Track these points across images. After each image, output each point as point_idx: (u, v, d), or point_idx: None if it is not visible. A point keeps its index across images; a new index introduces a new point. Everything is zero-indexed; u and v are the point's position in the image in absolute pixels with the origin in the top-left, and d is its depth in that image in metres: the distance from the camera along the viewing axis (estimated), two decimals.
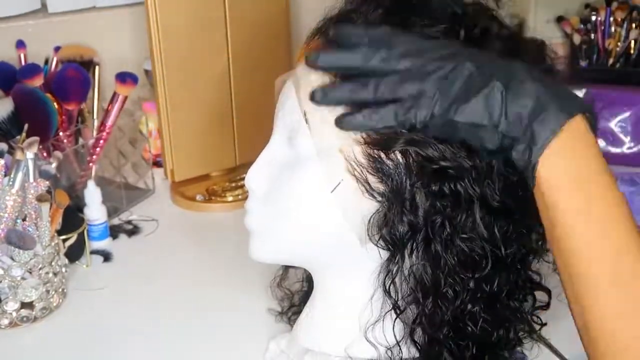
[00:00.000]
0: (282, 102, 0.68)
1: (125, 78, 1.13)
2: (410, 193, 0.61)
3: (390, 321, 0.67)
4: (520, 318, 0.68)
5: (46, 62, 1.20)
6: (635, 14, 1.36)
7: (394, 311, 0.66)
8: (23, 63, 1.18)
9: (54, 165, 0.93)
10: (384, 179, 0.61)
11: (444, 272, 0.62)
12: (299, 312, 0.79)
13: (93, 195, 1.07)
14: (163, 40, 1.10)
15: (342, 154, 0.62)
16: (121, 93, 1.14)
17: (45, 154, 1.06)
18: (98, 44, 1.28)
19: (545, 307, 0.71)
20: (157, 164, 1.28)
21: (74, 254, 1.01)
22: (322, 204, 0.64)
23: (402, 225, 0.61)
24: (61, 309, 0.93)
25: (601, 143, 1.30)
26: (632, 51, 1.36)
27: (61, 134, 1.11)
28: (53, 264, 0.91)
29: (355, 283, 0.69)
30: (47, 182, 0.90)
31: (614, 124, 1.30)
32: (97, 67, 1.19)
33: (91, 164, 1.15)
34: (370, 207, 0.63)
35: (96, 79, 1.18)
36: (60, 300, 0.93)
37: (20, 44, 1.19)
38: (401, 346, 0.67)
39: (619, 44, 1.37)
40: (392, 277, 0.64)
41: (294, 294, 0.85)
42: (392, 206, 0.61)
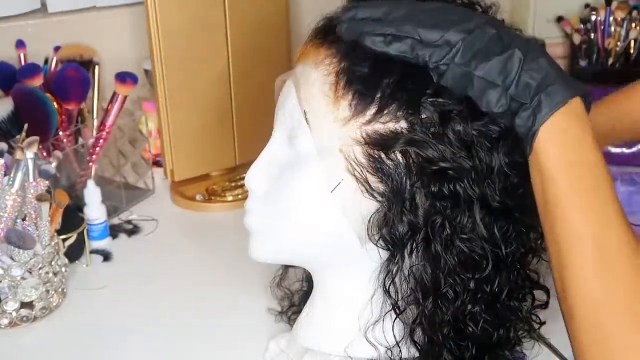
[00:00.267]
0: (282, 102, 0.68)
1: (125, 78, 1.13)
2: (410, 193, 0.61)
3: (390, 321, 0.67)
4: (520, 317, 0.68)
5: (46, 62, 1.20)
6: (635, 14, 1.36)
7: (394, 311, 0.66)
8: (23, 63, 1.18)
9: (54, 165, 0.93)
10: (384, 179, 0.61)
11: (444, 272, 0.62)
12: (299, 312, 0.79)
13: (93, 195, 1.07)
14: (163, 40, 1.10)
15: (342, 154, 0.62)
16: (121, 93, 1.13)
17: (45, 154, 1.06)
18: (98, 44, 1.29)
19: (544, 306, 0.71)
20: (157, 164, 1.28)
21: (74, 253, 1.01)
22: (322, 204, 0.64)
23: (402, 226, 0.61)
24: (61, 309, 0.93)
25: None
26: (632, 51, 1.36)
27: (61, 134, 1.11)
28: (53, 264, 0.91)
29: (355, 283, 0.69)
30: (47, 182, 0.90)
31: None
32: (97, 67, 1.19)
33: (91, 164, 1.15)
34: (370, 207, 0.63)
35: (96, 79, 1.18)
36: (60, 300, 0.93)
37: (20, 44, 1.19)
38: (401, 346, 0.67)
39: (619, 44, 1.37)
40: (392, 278, 0.64)
41: (294, 293, 0.85)
42: (393, 206, 0.61)
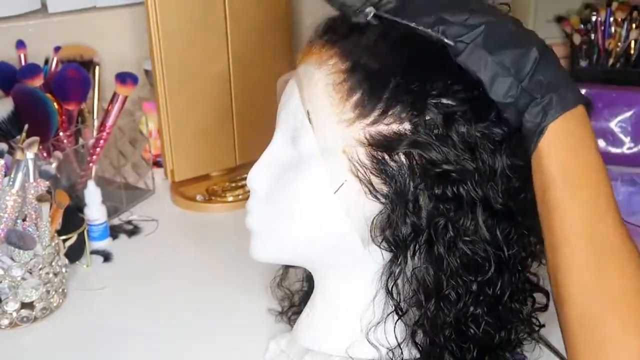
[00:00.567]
0: (284, 102, 0.68)
1: (125, 78, 1.13)
2: (413, 195, 0.61)
3: (391, 322, 0.66)
4: (520, 319, 0.68)
5: (46, 62, 1.20)
6: (635, 14, 1.36)
7: (395, 313, 0.66)
8: (23, 63, 1.18)
9: (54, 165, 0.93)
10: (388, 181, 0.61)
11: (446, 274, 0.62)
12: (299, 312, 0.79)
13: (93, 195, 1.07)
14: (163, 40, 1.10)
15: (345, 154, 0.62)
16: (121, 93, 1.13)
17: (45, 154, 1.06)
18: (98, 44, 1.29)
19: (544, 308, 0.71)
20: (157, 164, 1.28)
21: (74, 254, 1.01)
22: (324, 205, 0.64)
23: (405, 227, 0.61)
24: (61, 309, 0.93)
25: (601, 143, 1.30)
26: (632, 51, 1.36)
27: (61, 134, 1.11)
28: (53, 264, 0.91)
29: (356, 284, 0.69)
30: (47, 182, 0.90)
31: (614, 124, 1.29)
32: (97, 67, 1.19)
33: (91, 164, 1.15)
34: (373, 208, 0.63)
35: (96, 79, 1.18)
36: (61, 301, 0.93)
37: (20, 44, 1.19)
38: (402, 347, 0.67)
39: (619, 44, 1.37)
40: (394, 279, 0.64)
41: (294, 293, 0.84)
42: (396, 208, 0.61)
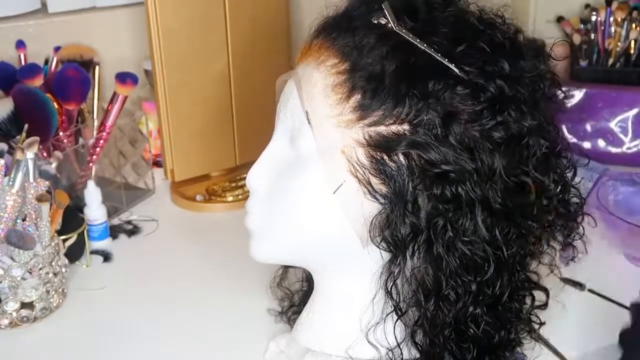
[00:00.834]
0: (283, 102, 0.68)
1: (125, 78, 1.13)
2: (412, 195, 0.61)
3: (391, 322, 0.67)
4: (520, 318, 0.68)
5: (46, 62, 1.20)
6: (635, 14, 1.36)
7: (395, 313, 0.66)
8: (23, 63, 1.18)
9: (54, 165, 0.93)
10: (387, 181, 0.61)
11: (445, 274, 0.62)
12: (299, 312, 0.79)
13: (93, 195, 1.07)
14: (163, 40, 1.10)
15: (344, 155, 0.62)
16: (121, 93, 1.13)
17: (45, 154, 1.06)
18: (98, 44, 1.29)
19: (543, 306, 0.71)
20: (157, 164, 1.28)
21: (74, 254, 1.01)
22: (323, 205, 0.64)
23: (404, 227, 0.61)
24: (61, 309, 0.93)
25: (601, 143, 1.30)
26: (632, 51, 1.36)
27: (61, 134, 1.11)
28: (53, 264, 0.91)
29: (355, 284, 0.69)
30: (47, 182, 0.90)
31: (614, 124, 1.29)
32: (97, 67, 1.19)
33: (91, 164, 1.15)
34: (372, 208, 0.63)
35: (96, 79, 1.18)
36: (60, 300, 0.93)
37: (20, 44, 1.19)
38: (402, 347, 0.67)
39: (619, 44, 1.37)
40: (393, 279, 0.64)
41: (294, 293, 0.85)
42: (395, 208, 0.61)
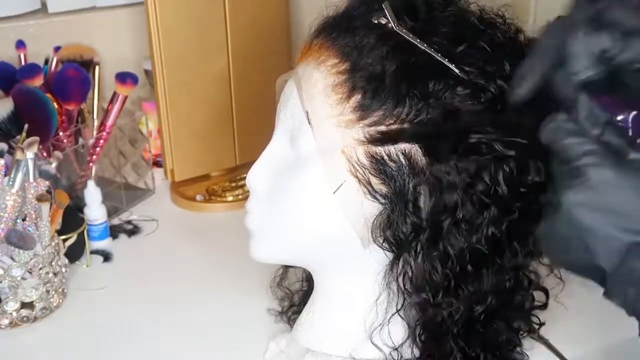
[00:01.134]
0: (283, 102, 0.68)
1: (125, 78, 1.13)
2: (413, 195, 0.61)
3: (394, 322, 0.67)
4: (521, 318, 0.68)
5: (46, 62, 1.20)
6: None
7: (397, 313, 0.66)
8: (23, 63, 1.18)
9: (54, 165, 0.93)
10: (387, 181, 0.61)
11: (448, 272, 0.62)
12: (299, 312, 0.79)
13: (93, 195, 1.07)
14: (163, 40, 1.10)
15: (344, 155, 0.62)
16: (121, 93, 1.13)
17: (45, 154, 1.06)
18: (98, 44, 1.28)
19: (543, 306, 0.71)
20: (157, 164, 1.27)
21: (74, 254, 1.01)
22: (323, 205, 0.64)
23: (406, 227, 0.61)
24: (61, 309, 0.93)
25: None
26: None
27: (61, 134, 1.11)
28: (53, 264, 0.91)
29: (356, 283, 0.69)
30: (47, 182, 0.90)
31: None
32: (97, 67, 1.19)
33: (91, 164, 1.15)
34: (372, 208, 0.63)
35: (96, 79, 1.18)
36: (60, 300, 0.93)
37: (20, 44, 1.19)
38: (405, 347, 0.67)
39: None
40: (395, 279, 0.64)
41: (294, 293, 0.85)
42: (395, 208, 0.61)
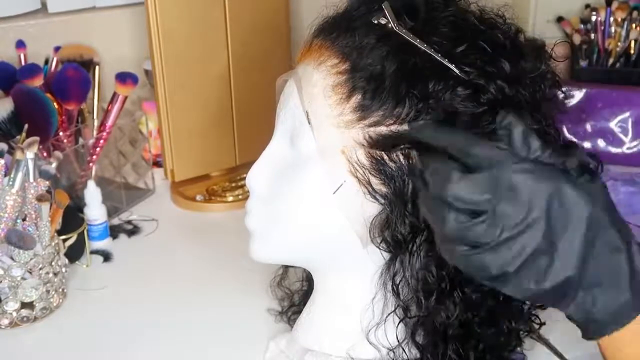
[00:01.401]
0: (283, 102, 0.68)
1: (125, 78, 1.13)
2: (412, 195, 0.61)
3: (391, 322, 0.67)
4: (520, 318, 0.68)
5: (46, 62, 1.20)
6: (635, 14, 1.36)
7: (395, 313, 0.66)
8: (23, 63, 1.18)
9: (54, 165, 0.93)
10: (387, 181, 0.61)
11: (446, 273, 0.62)
12: (299, 312, 0.79)
13: (93, 195, 1.07)
14: (163, 40, 1.10)
15: (344, 155, 0.62)
16: (121, 93, 1.13)
17: (45, 154, 1.06)
18: (98, 44, 1.29)
19: (543, 307, 0.71)
20: (157, 164, 1.28)
21: (74, 254, 1.01)
22: (323, 205, 0.64)
23: (404, 227, 0.61)
24: (61, 309, 0.93)
25: (601, 143, 1.30)
26: (632, 51, 1.36)
27: (61, 134, 1.11)
28: (53, 264, 0.91)
29: (355, 284, 0.69)
30: (47, 182, 0.90)
31: (614, 124, 1.29)
32: (97, 67, 1.19)
33: (91, 164, 1.15)
34: (372, 209, 0.63)
35: (96, 79, 1.18)
36: (60, 300, 0.93)
37: (20, 44, 1.19)
38: (403, 347, 0.67)
39: (619, 44, 1.37)
40: (393, 279, 0.64)
41: (294, 293, 0.85)
42: (394, 208, 0.61)
